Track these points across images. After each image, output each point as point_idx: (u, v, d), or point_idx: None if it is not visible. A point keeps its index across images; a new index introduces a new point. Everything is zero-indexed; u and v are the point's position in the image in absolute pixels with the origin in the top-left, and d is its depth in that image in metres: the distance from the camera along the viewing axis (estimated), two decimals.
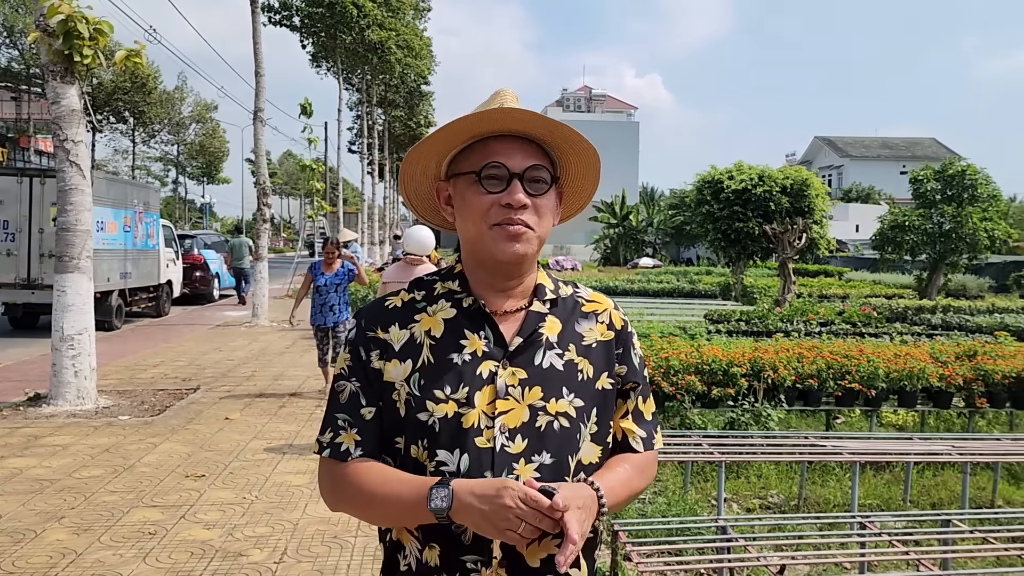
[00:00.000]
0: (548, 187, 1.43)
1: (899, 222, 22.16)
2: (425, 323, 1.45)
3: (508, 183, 1.39)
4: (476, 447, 1.35)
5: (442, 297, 1.48)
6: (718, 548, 4.29)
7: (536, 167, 1.41)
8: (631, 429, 1.53)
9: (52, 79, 7.88)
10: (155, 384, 9.32)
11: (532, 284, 1.50)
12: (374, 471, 1.39)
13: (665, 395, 6.53)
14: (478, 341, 1.42)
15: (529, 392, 1.39)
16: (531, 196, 1.40)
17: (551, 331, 1.46)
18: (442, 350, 1.41)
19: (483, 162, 1.40)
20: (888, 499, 5.98)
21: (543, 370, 1.42)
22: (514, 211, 1.38)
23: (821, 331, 11.79)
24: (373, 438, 1.42)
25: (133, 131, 52.64)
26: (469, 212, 1.43)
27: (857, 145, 64.16)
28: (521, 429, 1.36)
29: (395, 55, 34.10)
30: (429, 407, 1.37)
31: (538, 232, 1.42)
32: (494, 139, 1.43)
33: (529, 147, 1.44)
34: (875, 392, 6.75)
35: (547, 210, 1.44)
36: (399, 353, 1.42)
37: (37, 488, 5.39)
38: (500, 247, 1.40)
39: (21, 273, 13.29)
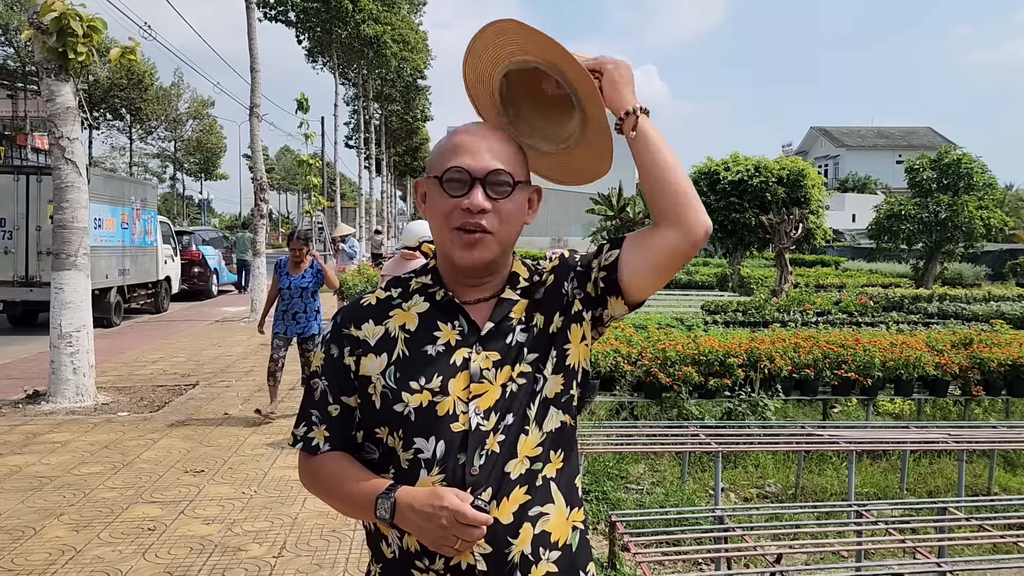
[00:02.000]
0: (511, 190, 1.44)
1: (895, 211, 22.18)
2: (399, 318, 1.50)
3: (469, 187, 1.42)
4: (451, 432, 1.39)
5: (416, 292, 1.53)
6: (715, 538, 4.31)
7: (498, 171, 1.43)
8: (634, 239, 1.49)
9: (47, 76, 7.87)
10: (154, 380, 9.33)
11: (506, 276, 1.53)
12: (338, 466, 1.48)
13: (662, 386, 6.55)
14: (451, 331, 1.46)
15: (501, 372, 1.43)
16: (492, 200, 1.43)
17: (519, 312, 1.50)
18: (416, 343, 1.46)
19: (447, 164, 1.44)
20: (885, 488, 6.01)
21: (511, 347, 1.46)
22: (472, 215, 1.41)
23: (818, 321, 11.82)
24: (341, 434, 1.50)
25: (130, 128, 52.55)
26: (433, 213, 1.48)
27: (853, 135, 64.12)
28: (494, 406, 1.41)
29: (391, 49, 34.05)
30: (404, 398, 1.42)
31: (499, 236, 1.44)
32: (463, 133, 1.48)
33: (498, 145, 1.46)
34: (871, 381, 6.77)
35: (511, 213, 1.45)
36: (374, 348, 1.47)
37: (36, 485, 5.40)
38: (458, 253, 1.44)
39: (19, 271, 13.28)
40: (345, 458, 1.49)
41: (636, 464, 6.26)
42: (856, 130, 65.42)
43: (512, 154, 1.48)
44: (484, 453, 1.39)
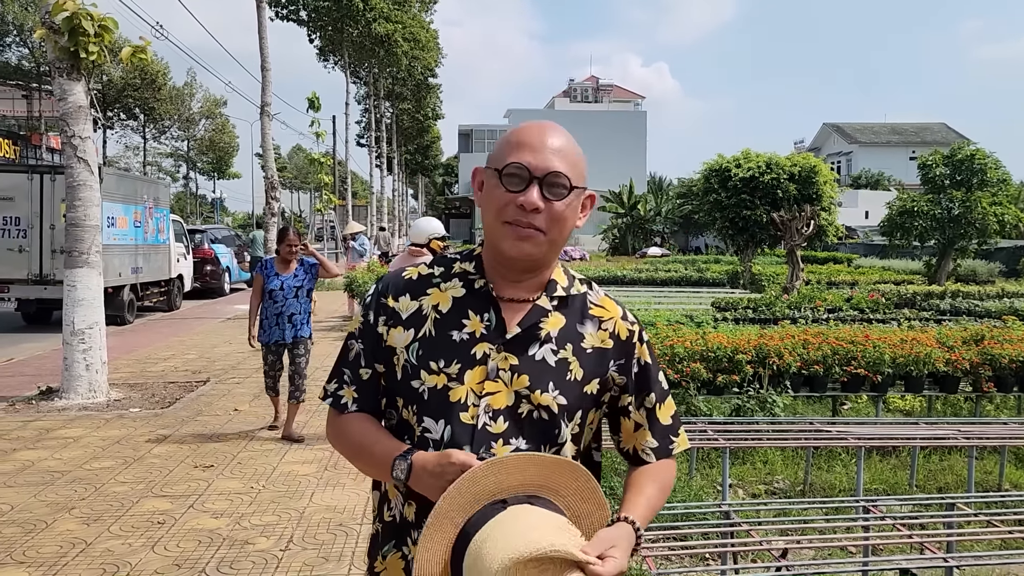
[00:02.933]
0: (566, 193, 1.46)
1: (908, 208, 22.02)
2: (435, 297, 1.53)
3: (527, 185, 1.44)
4: (460, 421, 1.43)
5: (457, 276, 1.56)
6: (722, 533, 4.31)
7: (556, 174, 1.45)
8: (641, 443, 1.60)
9: (59, 76, 7.94)
10: (166, 377, 9.40)
11: (546, 278, 1.55)
12: (362, 427, 1.55)
13: (670, 383, 6.54)
14: (479, 323, 1.49)
15: (517, 379, 1.46)
16: (547, 200, 1.44)
17: (553, 327, 1.51)
18: (444, 325, 1.50)
19: (509, 159, 1.46)
20: (894, 484, 5.99)
21: (535, 361, 1.47)
22: (526, 213, 1.44)
23: (829, 318, 11.76)
24: (369, 397, 1.56)
25: (144, 127, 52.85)
26: (488, 204, 1.49)
27: (866, 131, 63.73)
28: (504, 412, 1.44)
29: (402, 48, 34.11)
30: (422, 376, 1.47)
31: (550, 236, 1.46)
32: (529, 130, 1.50)
33: (561, 147, 1.48)
34: (881, 378, 6.74)
35: (564, 215, 1.47)
36: (405, 321, 1.52)
37: (48, 480, 5.46)
38: (507, 244, 1.46)
39: (33, 269, 13.39)
40: (370, 420, 1.56)
41: None
42: (869, 126, 65.02)
43: (573, 157, 1.49)
44: (491, 456, 1.42)
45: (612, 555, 1.30)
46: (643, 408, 1.59)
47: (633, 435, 1.60)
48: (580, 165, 1.51)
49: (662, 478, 1.59)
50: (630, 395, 1.58)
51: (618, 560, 1.31)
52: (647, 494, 1.53)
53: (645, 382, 1.59)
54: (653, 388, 1.60)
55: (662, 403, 1.61)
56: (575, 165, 1.49)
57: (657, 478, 1.58)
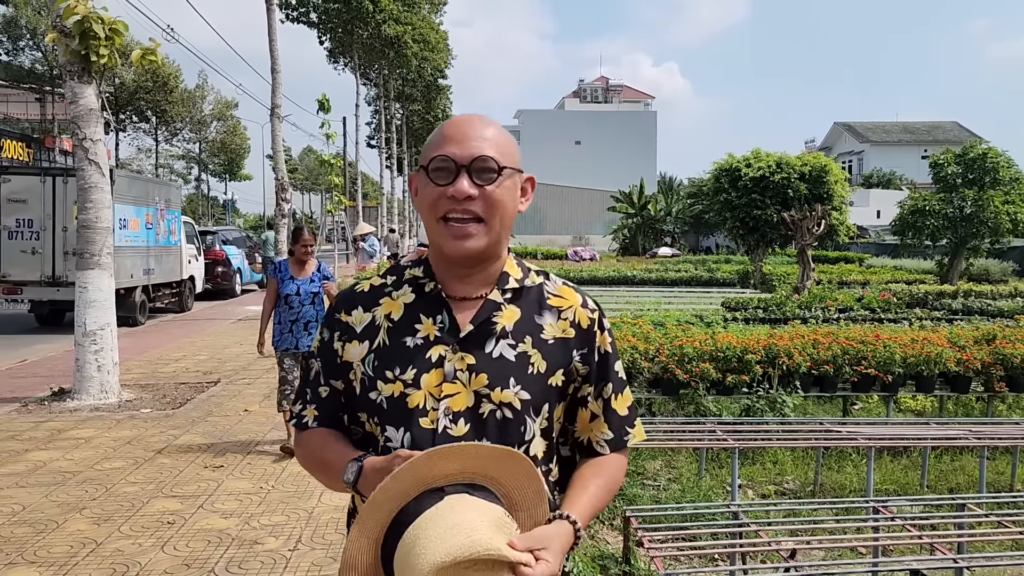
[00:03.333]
0: (496, 176, 1.43)
1: (919, 207, 21.90)
2: (387, 307, 1.52)
3: (455, 175, 1.41)
4: (420, 427, 1.41)
5: (407, 282, 1.54)
6: (731, 533, 4.30)
7: (483, 158, 1.42)
8: (596, 434, 1.56)
9: (70, 79, 7.99)
10: (177, 378, 9.45)
11: (497, 272, 1.52)
12: (320, 440, 1.54)
13: (679, 383, 6.53)
14: (431, 326, 1.47)
15: (475, 378, 1.43)
16: (479, 186, 1.42)
17: (508, 320, 1.48)
18: (397, 333, 1.48)
19: (433, 154, 1.44)
20: (905, 485, 5.95)
21: (492, 359, 1.44)
22: (460, 203, 1.41)
23: (839, 317, 11.71)
24: (329, 413, 1.55)
25: (156, 130, 53.16)
26: (422, 204, 1.47)
27: (877, 130, 63.39)
28: (464, 414, 1.42)
29: (411, 49, 34.17)
30: (379, 386, 1.45)
31: (490, 223, 1.43)
32: (451, 123, 1.48)
33: (486, 133, 1.45)
34: (892, 377, 6.70)
35: (499, 199, 1.44)
36: (359, 335, 1.51)
37: (60, 480, 5.50)
38: (447, 243, 1.44)
39: (46, 271, 13.50)
40: (330, 432, 1.54)
41: (653, 460, 6.25)
42: (880, 125, 64.68)
43: (500, 141, 1.46)
44: None
45: (545, 557, 1.27)
46: (600, 399, 1.56)
47: (589, 426, 1.57)
48: (509, 148, 1.48)
49: (610, 473, 1.55)
50: (590, 385, 1.55)
51: (550, 563, 1.27)
52: (591, 491, 1.50)
53: (604, 372, 1.56)
54: (611, 378, 1.56)
55: (619, 393, 1.58)
56: (503, 147, 1.46)
57: (605, 473, 1.54)
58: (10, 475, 5.61)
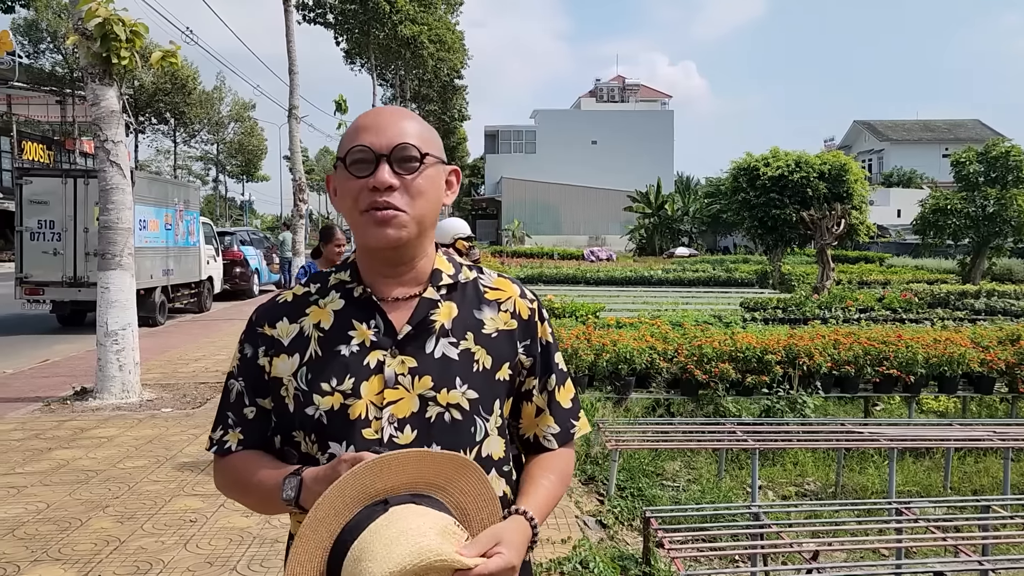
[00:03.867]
0: (419, 164, 1.35)
1: (941, 206, 21.72)
2: (315, 316, 1.42)
3: (375, 165, 1.34)
4: (363, 438, 1.32)
5: (333, 288, 1.44)
6: (752, 534, 4.27)
7: (403, 146, 1.35)
8: (542, 429, 1.50)
9: (91, 81, 8.06)
10: (196, 377, 9.51)
11: (427, 269, 1.44)
12: (246, 461, 1.42)
13: (698, 383, 6.50)
14: (366, 331, 1.38)
15: (419, 381, 1.35)
16: (400, 175, 1.34)
17: (446, 317, 1.41)
18: (330, 342, 1.39)
19: (350, 145, 1.36)
20: (928, 486, 5.90)
21: (435, 359, 1.37)
22: (380, 194, 1.33)
23: (860, 318, 11.63)
24: (255, 436, 1.44)
25: (174, 131, 53.68)
26: (343, 201, 1.39)
27: (898, 129, 62.86)
28: (411, 419, 1.34)
29: (428, 50, 34.26)
30: (316, 400, 1.35)
31: (413, 214, 1.35)
32: (366, 115, 1.41)
33: (404, 122, 1.39)
34: (914, 378, 6.65)
35: (422, 189, 1.36)
36: (287, 348, 1.41)
37: (83, 478, 5.55)
38: (371, 233, 1.35)
39: (68, 272, 13.62)
40: (256, 453, 1.43)
41: (672, 461, 6.22)
42: (901, 124, 64.13)
43: (420, 130, 1.39)
44: None
45: (499, 551, 1.21)
46: (545, 391, 1.49)
47: (534, 420, 1.50)
48: (429, 136, 1.40)
49: (560, 468, 1.49)
50: (535, 377, 1.48)
51: (506, 555, 1.21)
52: (544, 486, 1.44)
53: (548, 363, 1.49)
54: (554, 369, 1.50)
55: (562, 385, 1.51)
56: (424, 136, 1.38)
57: (555, 468, 1.48)
58: (34, 473, 5.67)
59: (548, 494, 1.43)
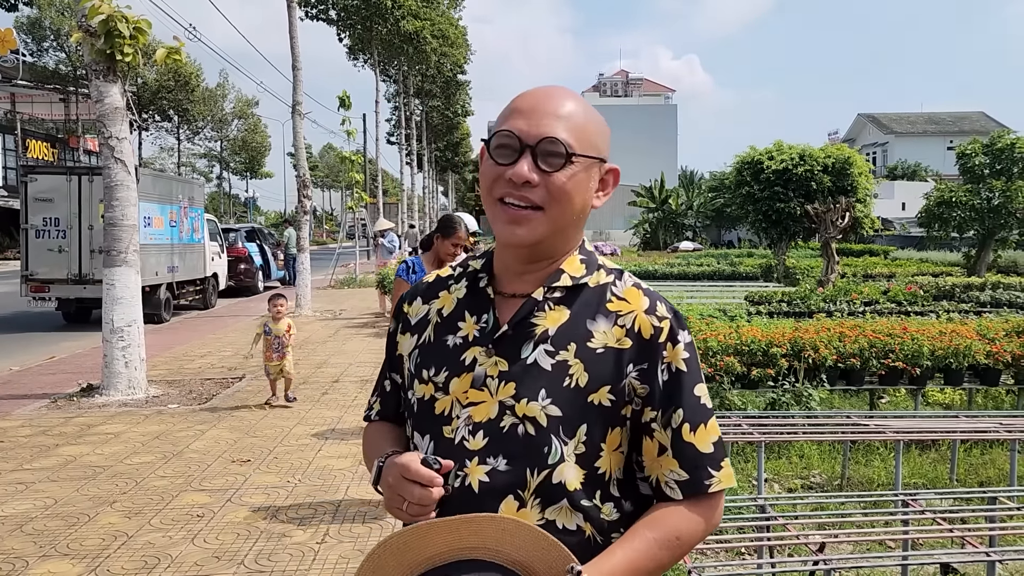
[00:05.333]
0: (564, 162, 1.25)
1: (945, 198, 21.64)
2: (442, 300, 1.40)
3: (518, 155, 1.25)
4: (443, 436, 1.29)
5: (466, 276, 1.41)
6: (758, 527, 4.27)
7: (551, 140, 1.24)
8: (664, 472, 1.29)
9: (95, 78, 8.07)
10: (202, 373, 9.54)
11: (556, 269, 1.34)
12: (373, 433, 1.49)
13: (704, 376, 6.50)
14: (472, 325, 1.33)
15: (504, 387, 1.26)
16: (542, 172, 1.24)
17: (551, 323, 1.29)
18: (442, 330, 1.36)
19: (499, 128, 1.28)
20: (934, 478, 5.89)
21: (526, 365, 1.27)
22: (517, 187, 1.24)
23: (865, 311, 11.59)
24: (390, 406, 1.50)
25: (178, 129, 53.72)
26: (483, 181, 1.32)
27: (902, 121, 62.70)
28: (485, 425, 1.26)
29: (430, 45, 34.20)
30: (415, 386, 1.36)
31: (550, 214, 1.26)
32: (528, 94, 1.31)
33: (563, 110, 1.28)
34: (920, 371, 6.63)
35: (565, 189, 1.26)
36: (412, 327, 1.42)
37: (91, 474, 5.57)
38: (500, 228, 1.28)
39: (73, 269, 13.66)
40: (384, 425, 1.49)
41: None
42: (905, 116, 63.96)
43: (579, 122, 1.28)
44: (461, 476, 1.25)
45: None
46: (669, 427, 1.28)
47: (656, 460, 1.29)
48: (589, 131, 1.29)
49: (672, 526, 1.26)
50: (654, 409, 1.28)
51: None
52: (634, 545, 1.23)
53: (675, 394, 1.28)
54: (684, 403, 1.28)
55: (701, 424, 1.28)
56: (581, 131, 1.27)
57: (664, 525, 1.26)
58: (42, 469, 5.69)
59: (634, 557, 1.22)
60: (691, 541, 1.26)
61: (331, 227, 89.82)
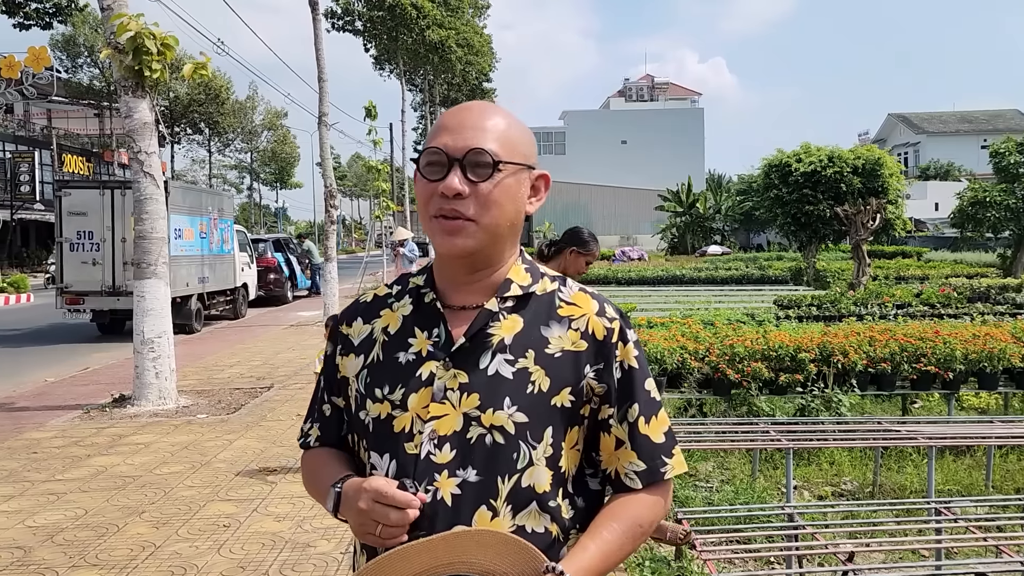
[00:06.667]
0: (491, 171, 1.27)
1: (979, 198, 21.29)
2: (386, 319, 1.40)
3: (447, 170, 1.27)
4: (404, 452, 1.28)
5: (409, 292, 1.41)
6: (786, 536, 4.21)
7: (477, 151, 1.27)
8: (623, 465, 1.35)
9: (124, 94, 8.21)
10: (231, 383, 9.63)
11: (501, 279, 1.36)
12: (316, 459, 1.45)
13: (731, 382, 6.43)
14: (425, 340, 1.34)
15: (467, 398, 1.27)
16: (471, 182, 1.27)
17: (506, 332, 1.32)
18: (391, 348, 1.36)
19: (426, 146, 1.31)
20: (968, 485, 5.76)
21: (487, 376, 1.28)
22: (449, 200, 1.27)
23: (897, 314, 11.42)
24: (331, 432, 1.46)
25: (209, 141, 54.50)
26: (418, 200, 1.34)
27: (934, 120, 61.72)
28: (451, 438, 1.26)
29: (456, 54, 34.42)
30: (368, 406, 1.34)
31: (483, 223, 1.28)
32: (451, 112, 1.35)
33: (486, 123, 1.31)
34: (953, 375, 6.50)
35: (493, 198, 1.28)
36: (356, 348, 1.40)
37: (120, 484, 5.64)
38: (439, 241, 1.30)
39: (107, 281, 13.89)
40: (329, 452, 1.44)
41: (705, 462, 6.16)
42: (937, 115, 62.97)
43: (503, 131, 1.30)
44: (432, 491, 1.25)
45: None
46: (626, 422, 1.34)
47: (614, 454, 1.35)
48: (514, 140, 1.31)
49: (633, 514, 1.32)
50: (611, 406, 1.34)
51: None
52: (604, 537, 1.28)
53: (629, 390, 1.35)
54: (638, 397, 1.35)
55: (652, 416, 1.36)
56: (506, 140, 1.29)
57: (626, 515, 1.32)
58: (74, 480, 5.78)
59: (607, 549, 1.27)
60: (651, 527, 1.34)
61: (360, 235, 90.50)
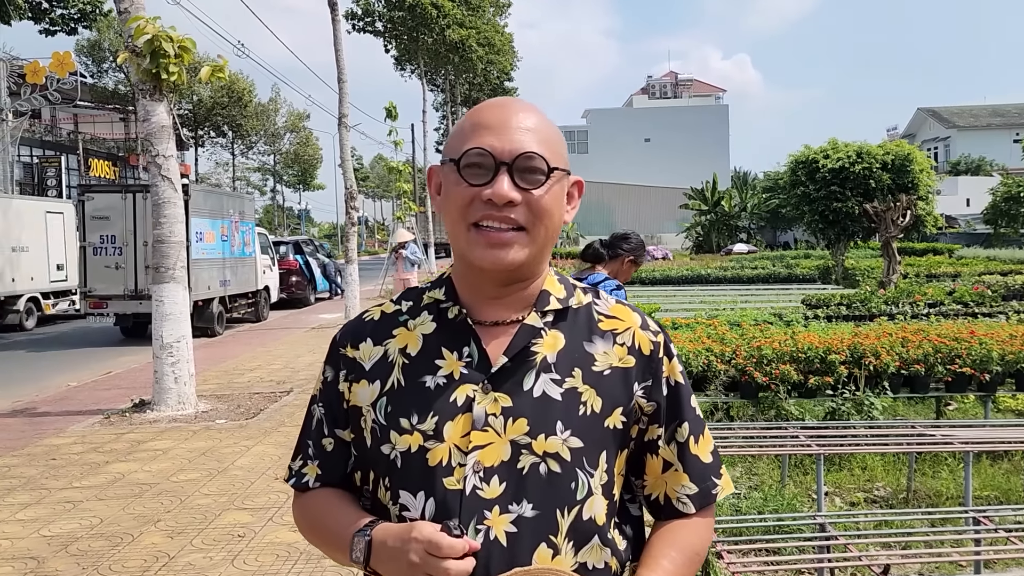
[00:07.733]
0: (544, 179, 1.17)
1: (1013, 193, 20.86)
2: (402, 339, 1.25)
3: (493, 174, 1.15)
4: (444, 488, 1.14)
5: (426, 308, 1.27)
6: (818, 547, 4.05)
7: (529, 155, 1.16)
8: (675, 489, 1.27)
9: (142, 97, 8.19)
10: (251, 388, 9.59)
11: (536, 292, 1.25)
12: (322, 503, 1.28)
13: (758, 385, 6.25)
14: (455, 361, 1.20)
15: (513, 424, 1.15)
16: (522, 190, 1.16)
17: (550, 349, 1.21)
18: (415, 371, 1.21)
19: (467, 146, 1.17)
20: (1007, 491, 5.55)
21: (533, 398, 1.17)
22: (498, 208, 1.15)
23: (929, 313, 11.14)
24: (334, 470, 1.30)
25: (232, 144, 54.90)
26: (449, 207, 1.20)
27: (964, 115, 60.70)
28: (499, 469, 1.14)
29: (476, 53, 34.36)
30: (392, 438, 1.18)
31: (533, 234, 1.18)
32: (489, 108, 1.22)
33: (531, 123, 1.20)
34: (989, 376, 6.28)
35: (546, 207, 1.18)
36: (368, 373, 1.25)
37: (137, 492, 5.59)
38: (479, 253, 1.17)
39: (129, 285, 13.96)
40: (335, 494, 1.29)
41: (732, 467, 5.99)
42: (968, 109, 61.92)
43: (548, 134, 1.20)
44: (483, 530, 1.12)
45: None
46: (674, 442, 1.26)
47: (662, 477, 1.27)
48: (557, 144, 1.22)
49: (690, 543, 1.25)
50: (659, 425, 1.25)
51: None
52: (664, 567, 1.19)
53: (677, 408, 1.26)
54: (687, 416, 1.27)
55: (699, 436, 1.28)
56: (551, 143, 1.20)
57: (683, 543, 1.24)
58: (91, 487, 5.73)
59: None
60: (705, 553, 1.28)
61: (383, 236, 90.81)
